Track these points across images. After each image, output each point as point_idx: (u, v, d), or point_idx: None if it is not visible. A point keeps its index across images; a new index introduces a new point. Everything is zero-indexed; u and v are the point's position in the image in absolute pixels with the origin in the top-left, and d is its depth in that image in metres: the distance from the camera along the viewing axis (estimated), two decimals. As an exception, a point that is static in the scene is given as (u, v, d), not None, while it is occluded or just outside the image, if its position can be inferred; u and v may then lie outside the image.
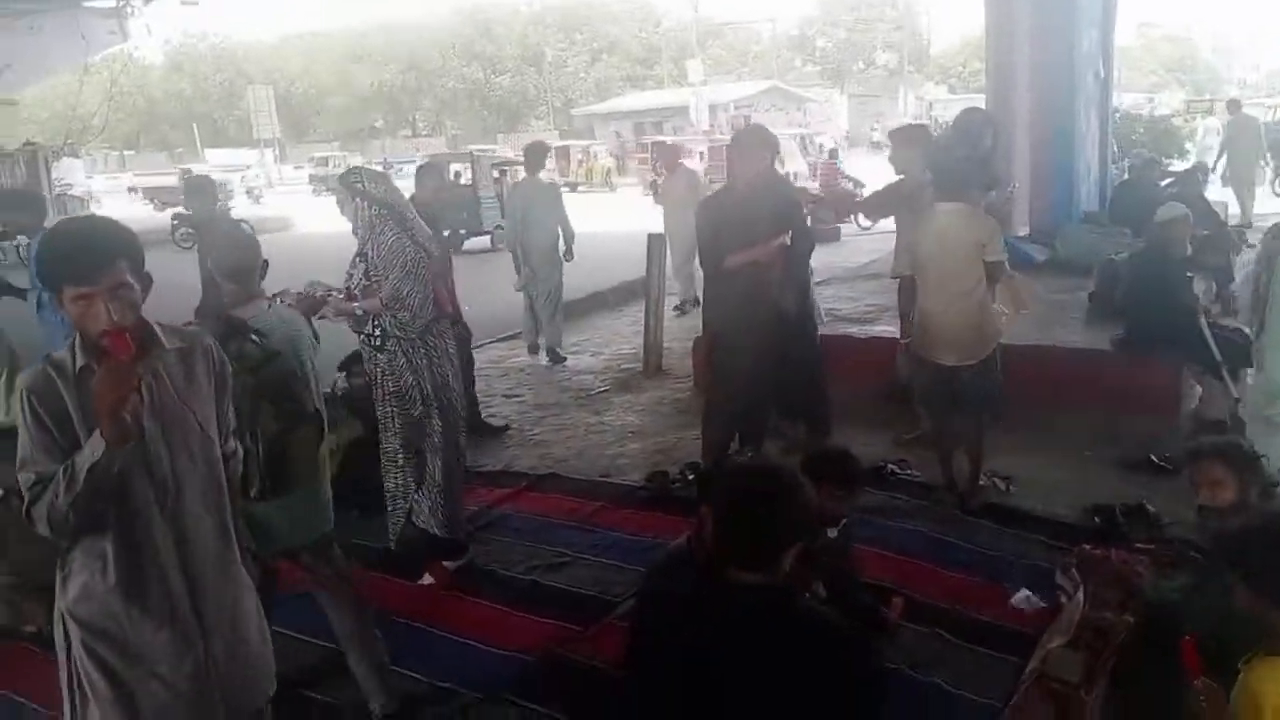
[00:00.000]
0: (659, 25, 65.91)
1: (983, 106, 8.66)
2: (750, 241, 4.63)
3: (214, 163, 51.62)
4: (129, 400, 1.99)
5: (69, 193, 26.93)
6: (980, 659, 3.47)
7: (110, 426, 1.99)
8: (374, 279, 4.10)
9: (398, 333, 4.14)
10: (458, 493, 4.42)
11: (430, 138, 65.70)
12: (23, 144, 25.77)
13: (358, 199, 4.08)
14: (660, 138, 30.24)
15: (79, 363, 2.12)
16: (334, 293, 4.16)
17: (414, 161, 46.88)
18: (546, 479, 5.53)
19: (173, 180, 29.90)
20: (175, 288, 3.75)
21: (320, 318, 4.09)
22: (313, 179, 40.02)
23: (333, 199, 4.34)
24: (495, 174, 19.25)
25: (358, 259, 4.16)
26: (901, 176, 5.93)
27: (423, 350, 4.21)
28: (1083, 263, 7.89)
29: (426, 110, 68.33)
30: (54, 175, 26.01)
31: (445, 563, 4.33)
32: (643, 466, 5.60)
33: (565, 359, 8.52)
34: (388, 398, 4.24)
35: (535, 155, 8.67)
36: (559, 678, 3.54)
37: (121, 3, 22.39)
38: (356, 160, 44.06)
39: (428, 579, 4.30)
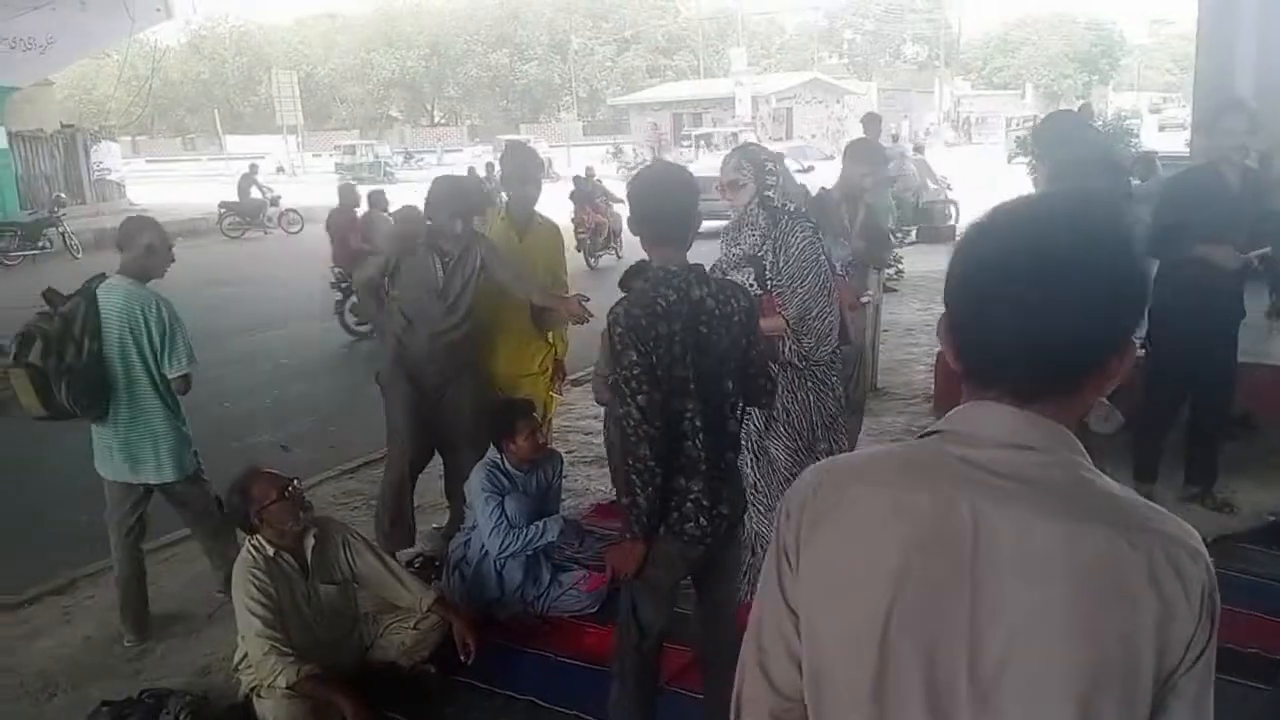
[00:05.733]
0: (679, 16, 64.84)
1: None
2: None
3: (235, 150, 50.66)
4: None
5: (106, 177, 25.92)
6: None
7: None
8: (776, 291, 3.23)
9: (795, 361, 3.28)
10: None
11: (449, 127, 64.69)
12: (60, 126, 24.88)
13: (755, 182, 3.22)
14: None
15: None
16: None
17: (434, 151, 45.73)
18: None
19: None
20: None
21: None
22: (339, 168, 38.87)
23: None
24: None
25: (747, 260, 3.27)
26: None
27: (811, 383, 3.36)
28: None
29: (447, 98, 67.19)
30: (92, 159, 25.07)
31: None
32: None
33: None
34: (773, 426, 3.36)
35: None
36: None
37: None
38: (384, 149, 42.98)
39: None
